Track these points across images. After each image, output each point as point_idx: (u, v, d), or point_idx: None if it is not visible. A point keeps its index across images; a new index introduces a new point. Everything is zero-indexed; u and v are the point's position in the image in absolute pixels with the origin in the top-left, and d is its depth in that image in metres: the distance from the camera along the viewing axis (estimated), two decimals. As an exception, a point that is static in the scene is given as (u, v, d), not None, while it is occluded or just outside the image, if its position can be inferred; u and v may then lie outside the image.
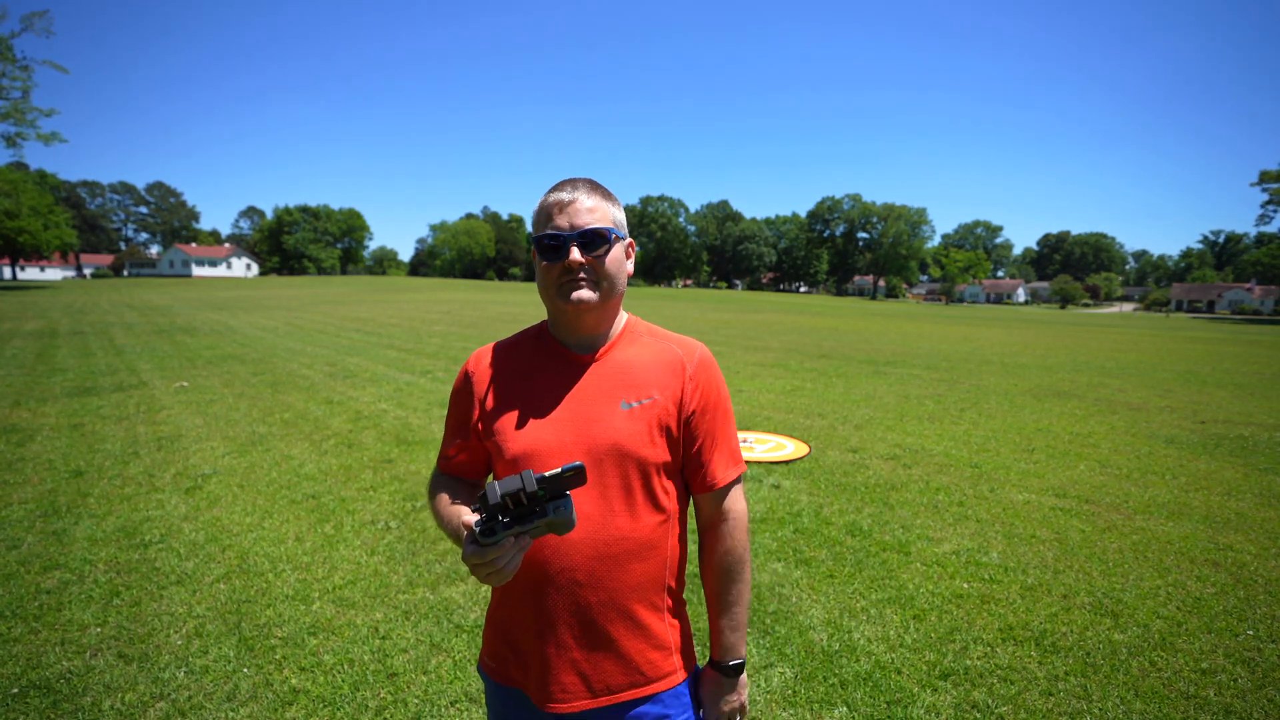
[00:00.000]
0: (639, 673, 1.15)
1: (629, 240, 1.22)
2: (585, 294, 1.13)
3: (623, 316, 1.26)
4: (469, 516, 0.96)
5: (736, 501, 1.24)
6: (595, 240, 1.13)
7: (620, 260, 1.18)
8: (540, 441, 1.14)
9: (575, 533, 1.10)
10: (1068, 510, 4.65)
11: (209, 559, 3.59)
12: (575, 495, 1.11)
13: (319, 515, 4.26)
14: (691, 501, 1.28)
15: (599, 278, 1.14)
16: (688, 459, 1.21)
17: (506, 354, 1.26)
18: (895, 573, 3.58)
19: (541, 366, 1.21)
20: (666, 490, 1.18)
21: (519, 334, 1.30)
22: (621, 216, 1.20)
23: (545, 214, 1.15)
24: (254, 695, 2.48)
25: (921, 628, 3.03)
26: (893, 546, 3.92)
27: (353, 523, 4.14)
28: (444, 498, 1.21)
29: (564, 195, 1.14)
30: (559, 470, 0.89)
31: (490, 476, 1.30)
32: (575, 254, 1.11)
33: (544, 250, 1.14)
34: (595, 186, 1.17)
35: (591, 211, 1.13)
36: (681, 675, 1.21)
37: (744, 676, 1.25)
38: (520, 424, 1.16)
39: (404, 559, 3.65)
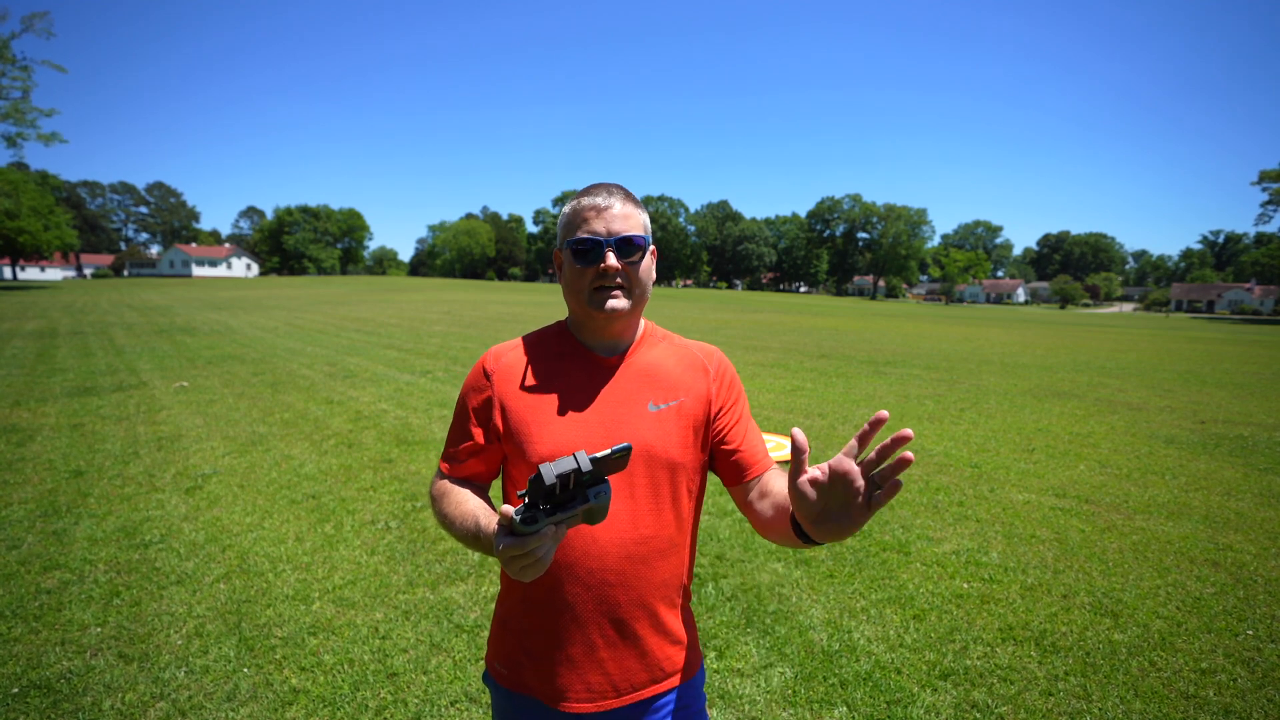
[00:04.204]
0: (659, 669, 1.18)
1: (653, 247, 1.22)
2: (619, 303, 1.13)
3: (641, 320, 1.26)
4: (507, 508, 0.93)
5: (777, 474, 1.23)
6: (630, 247, 1.12)
7: (649, 268, 1.19)
8: (568, 444, 1.12)
9: (605, 533, 1.11)
10: (1068, 510, 4.65)
11: (209, 559, 3.59)
12: None
13: (319, 515, 4.26)
14: (731, 492, 1.28)
15: (631, 285, 1.14)
16: (721, 455, 1.22)
17: (527, 354, 1.23)
18: (895, 573, 3.58)
19: (566, 368, 1.19)
20: (691, 491, 1.20)
21: (537, 333, 1.27)
22: (649, 223, 1.20)
23: (579, 218, 1.13)
24: (254, 695, 2.48)
25: (921, 628, 3.03)
26: (893, 546, 3.92)
27: (353, 523, 4.14)
28: (454, 498, 1.16)
29: (599, 200, 1.13)
30: (609, 451, 0.86)
31: (500, 480, 1.28)
32: (612, 259, 1.10)
33: (578, 254, 1.12)
34: (628, 193, 1.17)
35: (626, 218, 1.13)
36: (695, 668, 1.25)
37: None
38: (547, 426, 1.14)
39: (404, 559, 3.65)
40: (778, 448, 6.14)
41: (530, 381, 1.19)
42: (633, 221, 1.14)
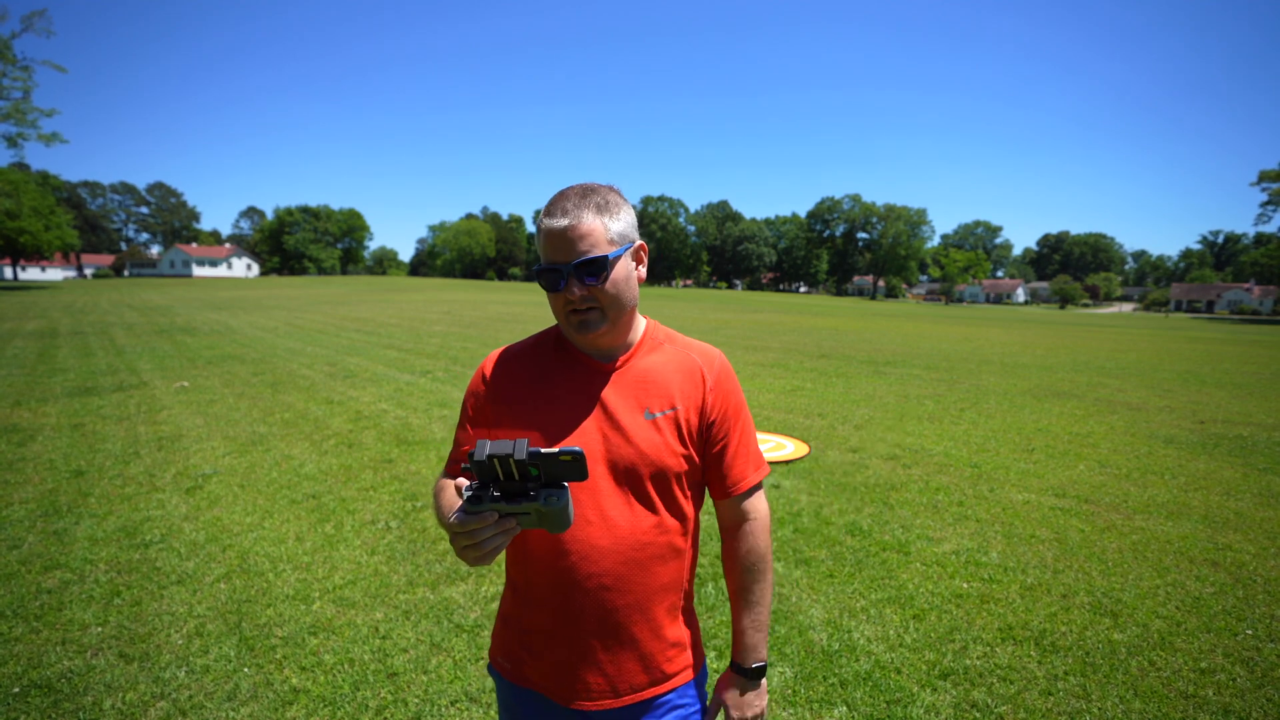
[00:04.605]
0: (659, 670, 1.18)
1: (637, 244, 1.16)
2: (591, 325, 1.12)
3: (641, 322, 1.24)
4: (462, 480, 0.93)
5: (759, 503, 1.26)
6: (593, 268, 1.07)
7: (625, 277, 1.12)
8: None
9: (603, 539, 1.11)
10: (1067, 510, 4.65)
11: (209, 559, 3.59)
12: (605, 503, 1.11)
13: (319, 515, 4.26)
14: (714, 505, 1.30)
15: (603, 304, 1.11)
16: (710, 465, 1.22)
17: (526, 359, 1.23)
18: (895, 572, 3.58)
19: (563, 374, 1.19)
20: (688, 497, 1.21)
21: (536, 337, 1.27)
22: (622, 225, 1.11)
23: (542, 242, 1.10)
24: (254, 695, 2.48)
25: (921, 627, 3.04)
26: (892, 546, 3.93)
27: (353, 523, 4.15)
28: (448, 491, 1.15)
29: (556, 222, 1.07)
30: (555, 450, 0.83)
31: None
32: (574, 289, 1.08)
33: (543, 281, 1.11)
34: (589, 200, 1.09)
35: (585, 238, 1.06)
36: (696, 669, 1.26)
37: (765, 682, 1.26)
38: (544, 433, 1.14)
39: (404, 559, 3.65)
40: (777, 448, 6.14)
41: (528, 388, 1.20)
42: (595, 237, 1.07)
